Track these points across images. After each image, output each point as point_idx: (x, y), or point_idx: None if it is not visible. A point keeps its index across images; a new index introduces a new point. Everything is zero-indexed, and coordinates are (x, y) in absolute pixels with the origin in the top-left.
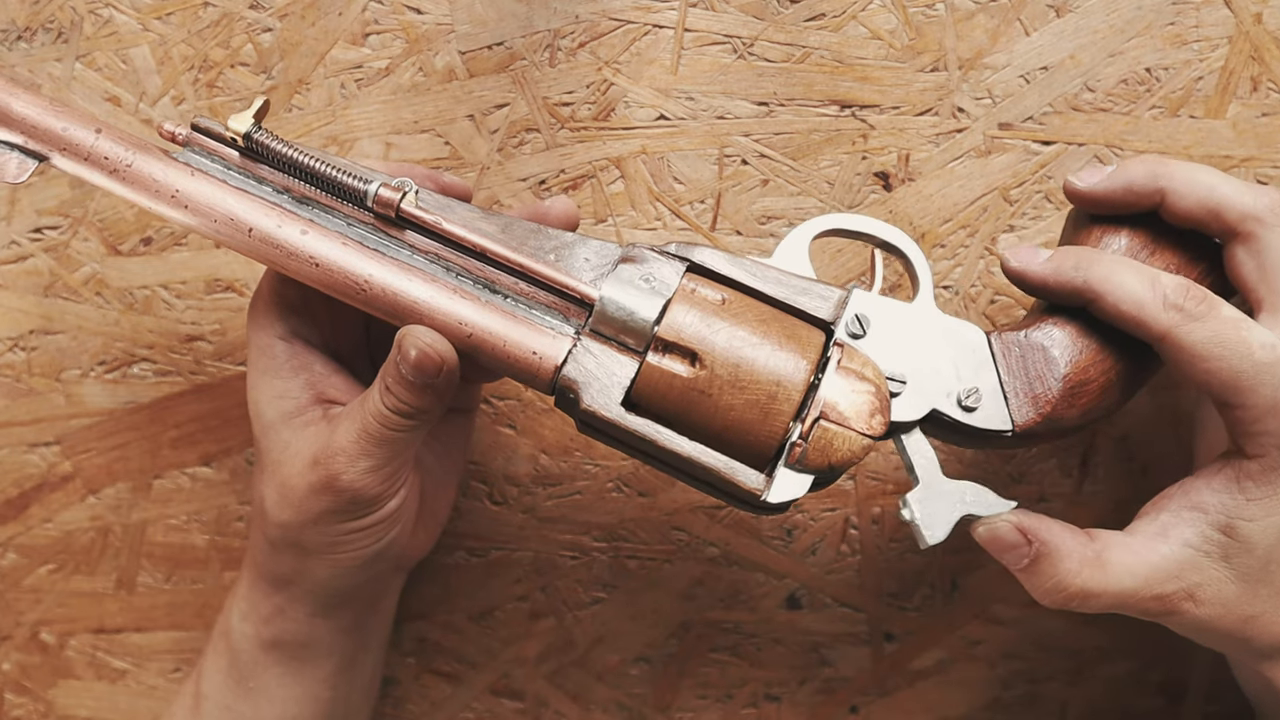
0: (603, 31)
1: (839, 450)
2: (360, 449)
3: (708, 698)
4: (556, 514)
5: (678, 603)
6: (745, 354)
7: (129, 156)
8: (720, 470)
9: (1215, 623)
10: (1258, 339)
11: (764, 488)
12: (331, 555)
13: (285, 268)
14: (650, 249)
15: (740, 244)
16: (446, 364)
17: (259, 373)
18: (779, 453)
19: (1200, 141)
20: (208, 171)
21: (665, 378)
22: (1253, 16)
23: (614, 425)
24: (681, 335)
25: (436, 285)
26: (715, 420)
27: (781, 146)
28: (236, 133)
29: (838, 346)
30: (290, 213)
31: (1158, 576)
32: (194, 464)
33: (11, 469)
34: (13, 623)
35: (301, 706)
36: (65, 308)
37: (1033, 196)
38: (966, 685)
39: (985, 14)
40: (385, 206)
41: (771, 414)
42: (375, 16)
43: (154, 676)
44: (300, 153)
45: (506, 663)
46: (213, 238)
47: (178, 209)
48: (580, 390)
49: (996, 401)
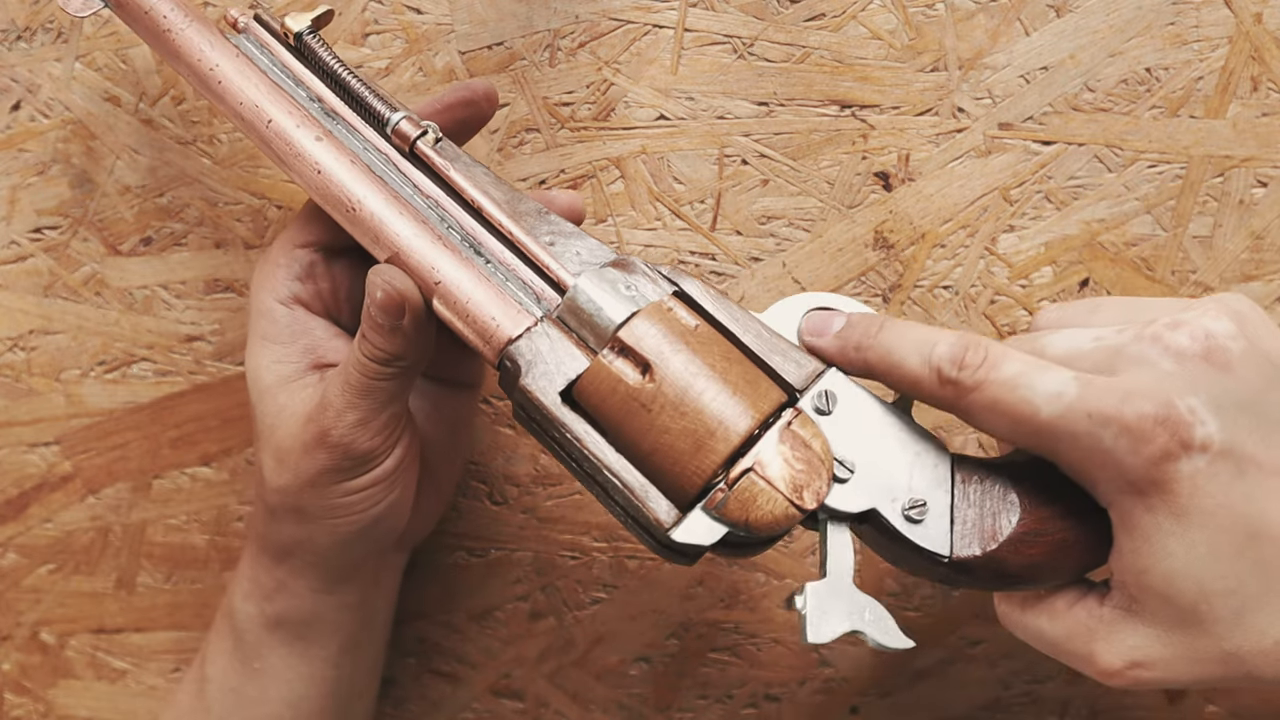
0: (603, 31)
1: (761, 509)
2: (346, 401)
3: (708, 698)
4: (556, 514)
5: (678, 603)
6: (697, 384)
7: (184, 23)
8: (634, 490)
9: (1190, 680)
10: (1041, 393)
11: (672, 523)
12: (331, 520)
13: (290, 167)
14: (644, 264)
15: (740, 244)
16: (409, 303)
17: (259, 337)
18: (700, 497)
19: (1200, 141)
20: (252, 59)
21: (610, 380)
22: (1253, 16)
23: (545, 413)
24: (641, 343)
25: (423, 227)
26: (647, 439)
27: (781, 146)
28: (290, 30)
29: (794, 411)
30: (313, 118)
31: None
32: (194, 464)
33: (11, 469)
34: (13, 623)
35: (307, 686)
36: (65, 308)
37: (1033, 196)
38: (966, 685)
39: (985, 14)
40: (401, 139)
41: (704, 449)
42: (375, 16)
43: (154, 676)
44: (340, 64)
45: (506, 663)
46: (234, 120)
47: (210, 84)
48: (524, 369)
49: (941, 524)
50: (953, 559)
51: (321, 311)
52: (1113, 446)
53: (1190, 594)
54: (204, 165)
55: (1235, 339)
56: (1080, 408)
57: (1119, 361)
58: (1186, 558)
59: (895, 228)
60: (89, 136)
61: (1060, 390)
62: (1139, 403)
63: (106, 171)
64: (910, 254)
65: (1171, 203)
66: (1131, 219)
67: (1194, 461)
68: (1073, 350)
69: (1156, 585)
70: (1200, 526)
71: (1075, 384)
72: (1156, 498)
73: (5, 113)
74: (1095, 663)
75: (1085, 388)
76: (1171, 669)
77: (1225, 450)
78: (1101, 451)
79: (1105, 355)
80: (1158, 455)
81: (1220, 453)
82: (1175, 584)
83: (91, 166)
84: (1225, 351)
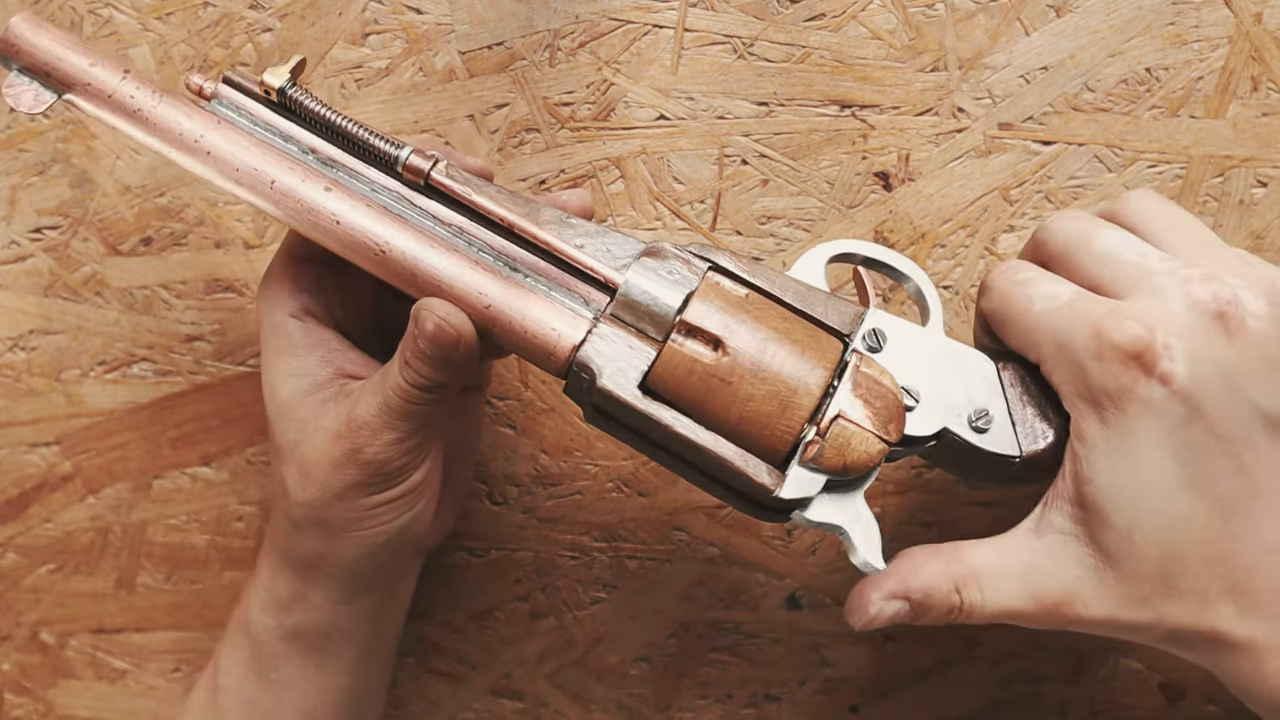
0: (603, 31)
1: (855, 450)
2: (383, 422)
3: (708, 698)
4: (556, 514)
5: (678, 603)
6: (769, 347)
7: (154, 101)
8: (734, 462)
9: (1118, 622)
10: (1039, 291)
11: (776, 484)
12: (358, 532)
13: (304, 224)
14: (672, 246)
15: (740, 244)
16: (464, 339)
17: (273, 352)
18: (791, 454)
19: (1200, 141)
20: (234, 123)
21: (686, 362)
22: (1253, 16)
23: (628, 408)
24: (706, 321)
25: (457, 255)
26: (733, 410)
27: (781, 146)
28: (271, 86)
29: (855, 354)
30: (314, 170)
31: (1035, 576)
32: (194, 464)
33: (11, 469)
34: (13, 623)
35: (323, 695)
36: (65, 308)
37: (1033, 196)
38: (966, 685)
39: (985, 14)
40: (415, 174)
41: (790, 408)
42: (375, 16)
43: (154, 676)
44: (334, 113)
45: (506, 663)
46: (232, 189)
47: (199, 156)
48: (597, 371)
49: (1005, 428)
50: (1023, 457)
51: (330, 323)
52: (1081, 348)
53: (1127, 515)
54: None
55: (1259, 319)
56: (1068, 310)
57: (1142, 285)
58: (1128, 477)
59: (895, 228)
60: (89, 136)
61: (1055, 294)
62: (1122, 320)
63: (106, 171)
64: (910, 254)
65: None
66: None
67: (1150, 388)
68: (1114, 254)
69: (1098, 499)
70: (1143, 454)
71: (1072, 293)
72: (1110, 411)
73: (5, 113)
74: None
75: (1080, 297)
76: (1106, 607)
77: (1183, 393)
78: (1071, 353)
79: (1136, 275)
80: (1117, 367)
81: (1177, 392)
82: (1114, 500)
83: (91, 166)
84: (1240, 322)
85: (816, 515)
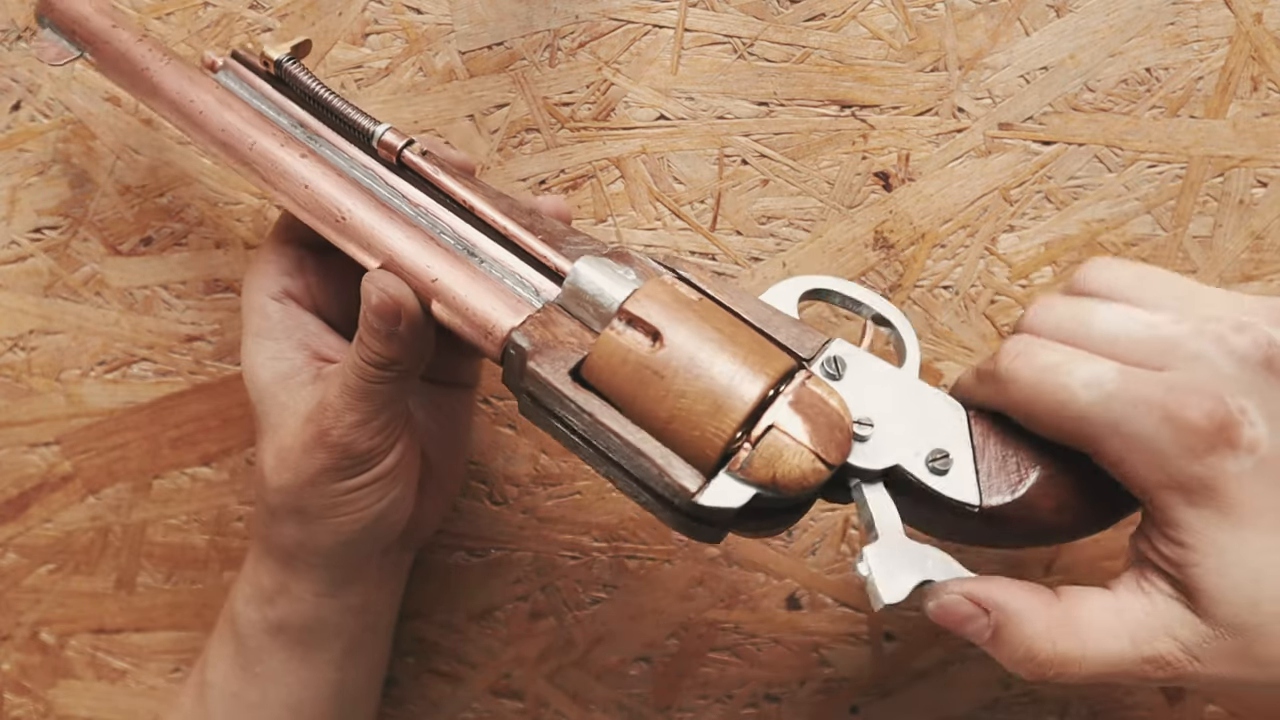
0: (603, 31)
1: (787, 464)
2: (344, 403)
3: (708, 698)
4: (556, 514)
5: (678, 603)
6: (708, 346)
7: (161, 62)
8: (655, 459)
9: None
10: (1079, 379)
11: (697, 488)
12: (333, 518)
13: (276, 186)
14: (640, 254)
15: (740, 244)
16: (405, 309)
17: (254, 335)
18: (722, 462)
19: (1200, 141)
20: (233, 91)
21: (621, 351)
22: (1253, 16)
23: (555, 393)
24: (649, 312)
25: (414, 231)
26: (664, 406)
27: (781, 146)
28: (269, 59)
29: (806, 373)
30: (297, 139)
31: (1144, 634)
32: (194, 464)
33: (11, 469)
34: (13, 623)
35: (309, 690)
36: (65, 308)
37: (1033, 196)
38: (966, 685)
39: (985, 14)
40: (388, 150)
41: (723, 409)
42: (375, 16)
43: (154, 676)
44: (321, 87)
45: (506, 663)
46: (217, 150)
47: (191, 115)
48: (530, 353)
49: (966, 474)
50: (983, 508)
51: (311, 306)
52: (1154, 436)
53: (1246, 592)
54: (204, 165)
55: None
56: (1122, 396)
57: (1174, 354)
58: (1238, 555)
59: (895, 228)
60: (89, 136)
61: (1099, 378)
62: (1186, 395)
63: (106, 171)
64: (910, 254)
65: (1171, 203)
66: (1131, 219)
67: (1241, 461)
68: (1124, 332)
69: (1207, 582)
70: (1251, 527)
71: (1117, 372)
72: (1201, 494)
73: (5, 113)
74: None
75: (1128, 377)
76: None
77: (1274, 455)
78: (1142, 442)
79: (1160, 346)
80: (1203, 450)
81: (1268, 457)
82: (1228, 579)
83: (91, 166)
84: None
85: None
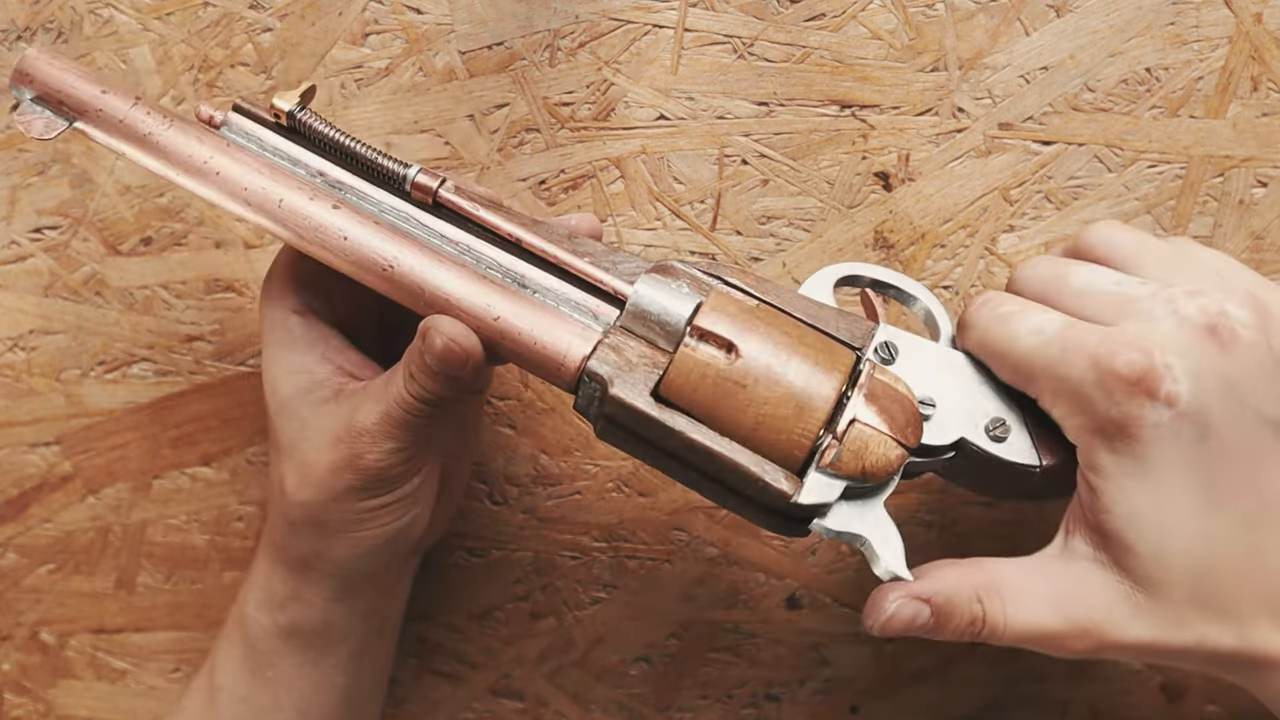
0: (603, 31)
1: (874, 454)
2: (384, 431)
3: (708, 698)
4: (556, 514)
5: (678, 603)
6: (782, 352)
7: (163, 126)
8: (751, 469)
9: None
10: (1025, 326)
11: (794, 490)
12: (354, 533)
13: (313, 242)
14: (682, 264)
15: (740, 244)
16: (471, 358)
17: (275, 348)
18: (808, 460)
19: (1200, 141)
20: (243, 147)
21: (699, 367)
22: (1253, 16)
23: (641, 417)
24: (719, 326)
25: (465, 271)
26: (748, 415)
27: (781, 146)
28: (280, 110)
29: (868, 363)
30: (323, 190)
31: (1065, 599)
32: (194, 464)
33: (11, 469)
34: (13, 623)
35: (319, 693)
36: (65, 308)
37: (1033, 196)
38: (966, 685)
39: (985, 14)
40: (423, 192)
41: (806, 412)
42: (375, 16)
43: (154, 676)
44: (343, 134)
45: (506, 663)
46: (240, 211)
47: (208, 178)
48: (608, 381)
49: (1023, 438)
50: (1044, 467)
51: (331, 320)
52: (1081, 380)
53: (1151, 541)
54: None
55: (1248, 327)
56: (1058, 341)
57: (1127, 311)
58: (1148, 502)
59: (895, 228)
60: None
61: (1042, 326)
62: (1117, 345)
63: (106, 171)
64: (910, 254)
65: (1171, 203)
66: (1131, 219)
67: (1158, 411)
68: (1090, 289)
69: (1118, 527)
70: (1161, 481)
71: (1061, 323)
72: (1119, 439)
73: (5, 113)
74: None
75: (1069, 327)
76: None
77: (1190, 412)
78: (1071, 385)
79: (1119, 304)
80: (1121, 395)
81: (1185, 413)
82: (1136, 527)
83: (91, 166)
84: (1232, 333)
85: (837, 524)
